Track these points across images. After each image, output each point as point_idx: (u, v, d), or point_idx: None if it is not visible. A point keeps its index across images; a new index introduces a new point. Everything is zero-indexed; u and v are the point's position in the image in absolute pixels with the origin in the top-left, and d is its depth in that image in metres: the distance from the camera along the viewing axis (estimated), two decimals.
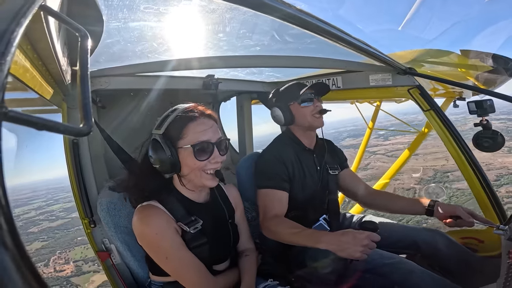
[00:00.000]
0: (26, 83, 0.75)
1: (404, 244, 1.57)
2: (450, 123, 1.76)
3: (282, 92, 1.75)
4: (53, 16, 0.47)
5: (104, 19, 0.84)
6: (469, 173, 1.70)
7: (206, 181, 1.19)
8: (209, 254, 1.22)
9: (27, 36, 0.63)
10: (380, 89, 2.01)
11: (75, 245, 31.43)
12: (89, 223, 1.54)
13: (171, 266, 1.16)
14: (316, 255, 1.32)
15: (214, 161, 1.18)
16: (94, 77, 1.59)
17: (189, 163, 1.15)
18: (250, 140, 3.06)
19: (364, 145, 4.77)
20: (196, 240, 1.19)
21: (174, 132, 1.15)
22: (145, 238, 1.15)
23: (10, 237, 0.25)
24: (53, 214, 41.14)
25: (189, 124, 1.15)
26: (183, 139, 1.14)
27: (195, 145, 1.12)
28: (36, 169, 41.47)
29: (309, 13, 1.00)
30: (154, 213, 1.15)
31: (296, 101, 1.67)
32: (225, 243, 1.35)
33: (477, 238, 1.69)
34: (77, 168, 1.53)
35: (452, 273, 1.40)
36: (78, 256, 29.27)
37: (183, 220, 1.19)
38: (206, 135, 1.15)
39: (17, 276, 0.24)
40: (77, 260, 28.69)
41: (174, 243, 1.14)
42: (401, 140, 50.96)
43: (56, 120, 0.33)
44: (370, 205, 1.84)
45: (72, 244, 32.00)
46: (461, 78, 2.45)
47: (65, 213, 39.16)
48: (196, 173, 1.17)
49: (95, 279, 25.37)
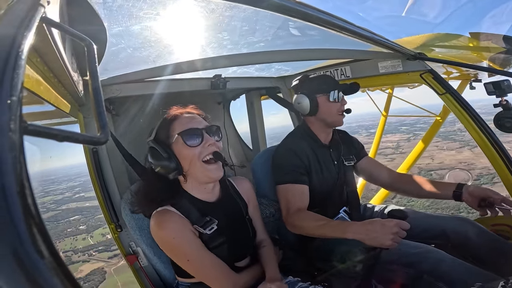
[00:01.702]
0: (41, 96, 0.78)
1: (431, 234, 1.52)
2: (468, 105, 1.69)
3: (312, 81, 1.73)
4: (56, 28, 0.49)
5: (106, 27, 0.86)
6: (494, 155, 1.62)
7: (209, 172, 1.20)
8: (228, 253, 1.23)
9: (35, 49, 0.65)
10: (391, 76, 1.96)
11: (65, 236, 33.07)
12: (115, 227, 1.59)
13: (194, 268, 1.18)
14: (341, 246, 1.30)
15: (207, 144, 1.19)
16: (105, 85, 1.64)
17: (184, 153, 1.17)
18: (263, 136, 3.06)
19: (380, 132, 4.69)
20: (214, 240, 1.20)
21: (163, 134, 1.21)
22: (164, 243, 1.17)
23: (45, 245, 0.26)
24: (43, 206, 42.50)
25: (174, 122, 1.21)
26: (172, 136, 1.19)
27: (182, 132, 1.17)
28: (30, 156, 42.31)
29: (309, 5, 0.99)
30: (169, 217, 1.17)
31: (327, 95, 1.65)
32: (244, 239, 1.36)
33: (508, 225, 1.62)
34: (99, 176, 1.59)
35: (484, 262, 1.33)
36: (67, 247, 30.84)
37: (198, 222, 1.20)
38: (191, 123, 1.21)
39: (55, 282, 0.26)
40: (67, 250, 30.21)
41: (193, 245, 1.16)
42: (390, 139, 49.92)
43: (74, 131, 0.35)
44: (398, 189, 1.80)
45: (62, 235, 33.54)
46: (474, 60, 2.36)
47: (56, 205, 40.96)
48: (196, 165, 1.18)
49: (83, 269, 26.91)
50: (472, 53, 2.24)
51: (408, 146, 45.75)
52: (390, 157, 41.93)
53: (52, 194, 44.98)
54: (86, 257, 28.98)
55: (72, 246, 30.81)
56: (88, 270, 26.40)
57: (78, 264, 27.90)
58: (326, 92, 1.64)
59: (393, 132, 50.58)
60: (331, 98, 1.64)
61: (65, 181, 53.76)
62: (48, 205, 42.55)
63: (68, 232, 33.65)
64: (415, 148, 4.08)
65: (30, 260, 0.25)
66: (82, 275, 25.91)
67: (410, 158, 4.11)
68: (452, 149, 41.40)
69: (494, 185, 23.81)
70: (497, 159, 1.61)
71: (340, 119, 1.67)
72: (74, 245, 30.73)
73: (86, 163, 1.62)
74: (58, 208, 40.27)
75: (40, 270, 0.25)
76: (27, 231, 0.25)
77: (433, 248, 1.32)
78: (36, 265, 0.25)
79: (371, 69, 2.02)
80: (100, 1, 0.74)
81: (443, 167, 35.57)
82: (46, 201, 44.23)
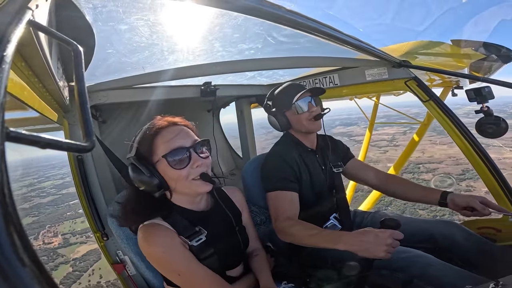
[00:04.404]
0: (25, 102, 0.76)
1: (419, 238, 1.53)
2: (451, 111, 1.74)
3: (277, 97, 1.74)
4: (43, 32, 0.48)
5: (95, 32, 0.85)
6: (477, 160, 1.66)
7: (197, 188, 1.13)
8: (219, 264, 1.19)
9: (20, 53, 0.63)
10: (377, 83, 2.01)
11: (64, 220, 33.53)
12: (101, 236, 1.54)
13: (185, 282, 1.13)
14: (333, 253, 1.29)
15: (195, 165, 1.10)
16: (92, 91, 1.60)
17: (171, 175, 1.09)
18: (253, 144, 3.07)
19: (367, 139, 4.79)
20: (203, 251, 1.16)
21: (144, 150, 1.10)
22: (153, 258, 1.12)
23: (26, 253, 0.26)
24: (44, 191, 43.00)
25: (156, 138, 1.10)
26: (155, 154, 1.09)
27: (166, 155, 1.06)
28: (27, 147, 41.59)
29: (299, 13, 1.01)
30: (157, 230, 1.12)
31: (290, 109, 1.66)
32: (235, 248, 1.32)
33: (494, 228, 1.65)
34: (84, 184, 1.54)
35: (473, 265, 1.34)
36: (66, 230, 31.55)
37: (187, 232, 1.16)
38: (176, 142, 1.09)
39: None
40: (65, 233, 31.01)
41: (183, 258, 1.11)
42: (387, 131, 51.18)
43: (58, 138, 0.34)
44: (387, 191, 1.81)
45: (61, 219, 34.06)
46: (456, 67, 2.45)
47: (56, 190, 41.20)
48: (183, 184, 1.11)
49: (80, 250, 27.81)
50: (454, 60, 2.33)
51: (403, 140, 46.35)
52: (384, 149, 42.53)
53: (52, 179, 44.78)
54: (84, 239, 29.44)
55: (71, 229, 31.25)
56: (84, 251, 27.04)
57: (75, 245, 28.57)
58: (289, 106, 1.66)
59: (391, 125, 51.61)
60: (295, 112, 1.66)
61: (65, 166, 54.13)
62: (48, 190, 42.54)
63: (68, 215, 33.84)
64: (402, 153, 4.18)
65: (11, 268, 0.24)
66: (78, 256, 26.64)
67: (399, 161, 4.20)
68: (445, 144, 42.23)
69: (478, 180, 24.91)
70: (479, 163, 1.66)
71: (314, 126, 1.67)
72: (73, 227, 31.20)
73: (71, 170, 1.57)
74: (58, 192, 40.15)
75: (22, 278, 0.24)
76: (8, 239, 0.25)
77: (422, 253, 1.33)
78: (18, 273, 0.24)
79: (359, 77, 2.07)
80: (90, 6, 0.73)
81: (432, 161, 36.46)
82: (47, 186, 44.20)
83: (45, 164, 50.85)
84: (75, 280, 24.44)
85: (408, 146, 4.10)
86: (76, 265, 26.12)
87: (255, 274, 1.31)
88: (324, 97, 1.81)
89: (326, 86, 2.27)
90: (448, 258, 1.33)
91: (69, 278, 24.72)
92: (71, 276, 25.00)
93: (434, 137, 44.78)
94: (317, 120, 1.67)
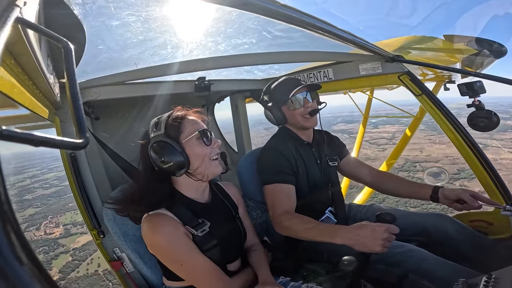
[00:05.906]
0: (15, 100, 0.74)
1: (413, 232, 1.55)
2: (443, 106, 1.76)
3: (273, 92, 1.73)
4: (31, 29, 0.47)
5: (85, 28, 0.83)
6: (469, 154, 1.69)
7: (215, 168, 1.24)
8: (221, 256, 1.21)
9: (9, 50, 0.62)
10: (371, 78, 2.02)
11: (66, 211, 33.78)
12: (97, 234, 1.54)
13: (186, 272, 1.15)
14: (329, 247, 1.30)
15: (216, 145, 1.24)
16: (83, 88, 1.57)
17: (198, 152, 1.18)
18: (248, 139, 3.06)
19: (361, 134, 4.81)
20: (206, 243, 1.18)
21: (173, 130, 1.17)
22: (157, 247, 1.14)
23: (24, 252, 0.26)
24: (47, 182, 42.91)
25: (184, 119, 1.21)
26: (184, 133, 1.18)
27: (200, 132, 1.19)
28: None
29: (293, 8, 1.00)
30: (162, 220, 1.14)
31: (286, 104, 1.66)
32: (236, 240, 1.35)
33: (485, 221, 1.67)
34: (78, 181, 1.53)
35: (466, 259, 1.37)
36: (68, 220, 31.81)
37: (190, 223, 1.18)
38: (200, 125, 1.24)
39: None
40: (67, 224, 31.35)
41: (187, 248, 1.13)
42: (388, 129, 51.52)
43: (51, 135, 0.33)
44: (379, 188, 1.83)
45: (63, 210, 34.40)
46: (449, 62, 2.47)
47: (59, 181, 40.97)
48: (205, 163, 1.20)
49: (80, 240, 28.12)
50: (446, 55, 2.35)
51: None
52: (382, 147, 42.82)
53: (55, 171, 44.62)
54: (84, 230, 29.71)
55: (72, 219, 31.52)
56: (84, 241, 27.41)
57: (76, 236, 28.88)
58: (285, 101, 1.66)
59: (392, 123, 51.55)
60: (290, 107, 1.66)
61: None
62: (51, 181, 42.49)
63: (70, 206, 33.80)
64: (395, 147, 4.22)
65: (9, 267, 0.24)
66: (78, 246, 27.15)
67: (392, 155, 4.25)
68: (444, 143, 42.05)
69: (472, 180, 25.18)
70: (471, 157, 1.69)
71: (309, 121, 1.68)
72: (74, 218, 31.39)
73: (64, 168, 1.55)
74: (61, 184, 39.82)
75: (21, 277, 0.24)
76: (5, 238, 0.25)
77: (415, 247, 1.35)
78: (16, 272, 0.24)
79: (353, 71, 2.07)
80: (79, 1, 0.71)
81: (428, 159, 36.79)
82: (49, 178, 44.13)
83: (48, 156, 50.53)
84: (74, 268, 24.73)
85: (400, 140, 4.14)
86: (75, 255, 26.41)
87: (254, 268, 1.33)
88: (319, 91, 1.81)
89: (320, 81, 2.27)
90: (441, 252, 1.35)
91: (68, 267, 24.96)
92: (70, 265, 25.25)
93: (434, 136, 45.22)
94: (313, 116, 1.67)
